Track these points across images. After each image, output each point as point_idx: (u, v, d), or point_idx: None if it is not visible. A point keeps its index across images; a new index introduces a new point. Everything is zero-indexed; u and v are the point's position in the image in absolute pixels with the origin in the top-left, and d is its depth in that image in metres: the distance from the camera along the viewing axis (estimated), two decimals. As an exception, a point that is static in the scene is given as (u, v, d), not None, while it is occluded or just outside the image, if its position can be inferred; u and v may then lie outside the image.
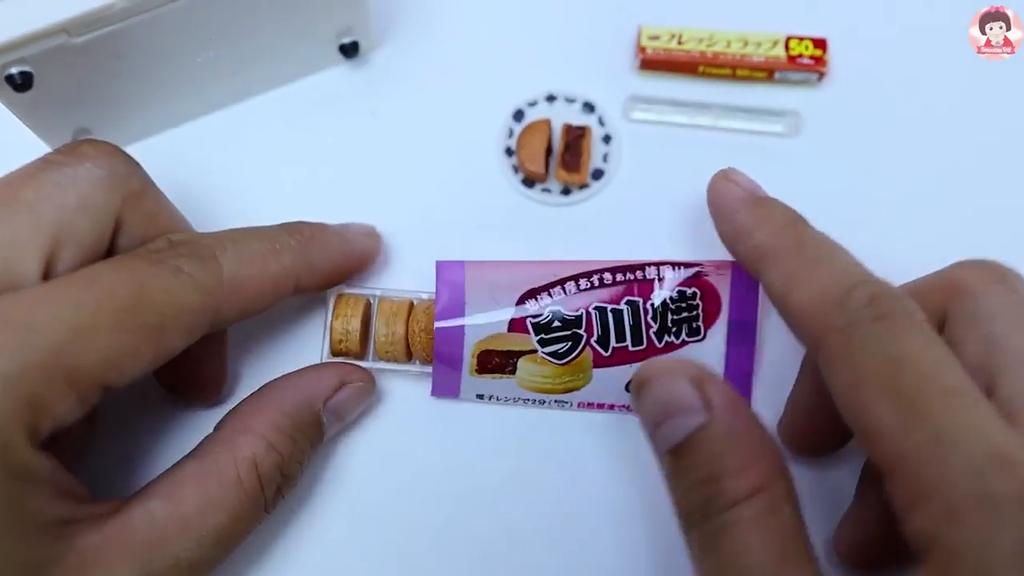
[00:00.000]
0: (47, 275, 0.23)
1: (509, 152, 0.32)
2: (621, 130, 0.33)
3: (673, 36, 0.33)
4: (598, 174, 0.32)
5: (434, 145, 0.32)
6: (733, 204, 0.27)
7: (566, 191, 0.32)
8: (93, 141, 0.25)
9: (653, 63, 0.33)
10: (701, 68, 0.32)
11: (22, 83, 0.25)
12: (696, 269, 0.28)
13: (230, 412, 0.26)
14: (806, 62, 0.32)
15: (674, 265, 0.29)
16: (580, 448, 0.29)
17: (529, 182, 0.32)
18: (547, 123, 0.32)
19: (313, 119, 0.33)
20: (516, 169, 0.32)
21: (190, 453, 0.25)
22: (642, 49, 0.32)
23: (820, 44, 0.32)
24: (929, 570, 0.19)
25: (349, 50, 0.32)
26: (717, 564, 0.22)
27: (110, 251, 0.25)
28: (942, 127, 0.33)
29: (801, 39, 0.32)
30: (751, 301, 0.29)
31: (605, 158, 0.32)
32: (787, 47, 0.32)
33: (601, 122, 0.32)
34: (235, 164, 0.32)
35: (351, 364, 0.28)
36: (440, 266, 0.29)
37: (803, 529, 0.22)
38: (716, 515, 0.22)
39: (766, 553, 0.21)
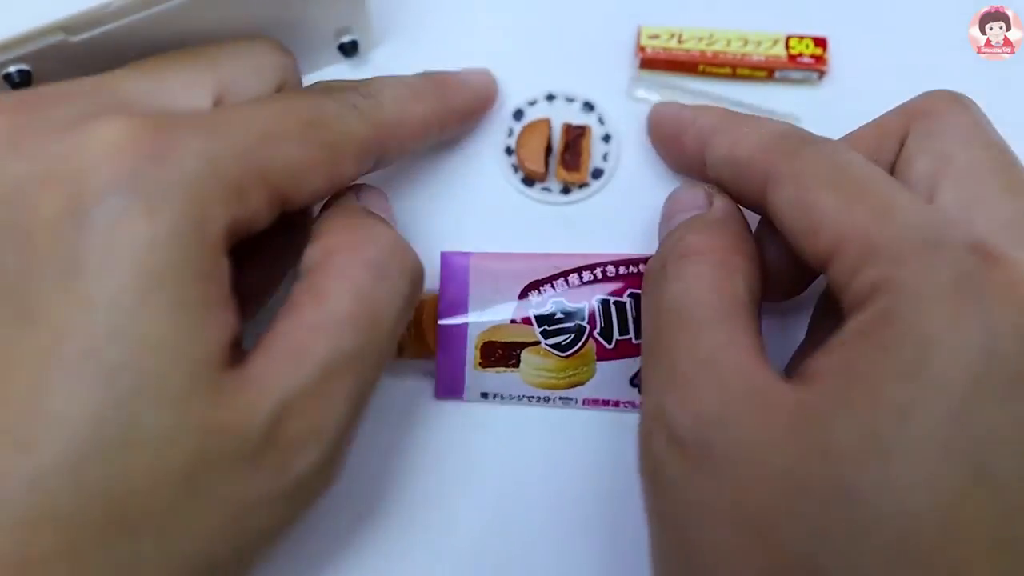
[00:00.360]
0: None
1: (509, 151, 0.32)
2: (621, 129, 0.33)
3: (673, 35, 0.33)
4: (598, 173, 0.32)
5: (434, 144, 0.32)
6: (673, 111, 0.30)
7: (566, 190, 0.32)
8: (269, 37, 0.27)
9: (653, 62, 0.33)
10: (701, 67, 0.32)
11: (20, 82, 0.25)
12: None
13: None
14: (806, 61, 0.32)
15: None
16: (588, 450, 0.29)
17: (529, 181, 0.32)
18: (547, 122, 0.32)
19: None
20: (516, 168, 0.32)
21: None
22: (642, 48, 0.32)
23: (820, 43, 0.32)
24: (871, 306, 0.20)
25: (348, 49, 0.32)
26: (658, 308, 0.24)
27: None
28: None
29: (801, 38, 0.32)
30: None
31: (605, 157, 0.32)
32: (787, 46, 0.32)
33: (601, 121, 0.32)
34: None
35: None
36: (445, 257, 0.29)
37: (753, 310, 0.23)
38: (670, 264, 0.24)
39: (707, 301, 0.23)
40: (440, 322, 0.28)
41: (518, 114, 0.33)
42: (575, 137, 0.31)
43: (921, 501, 0.18)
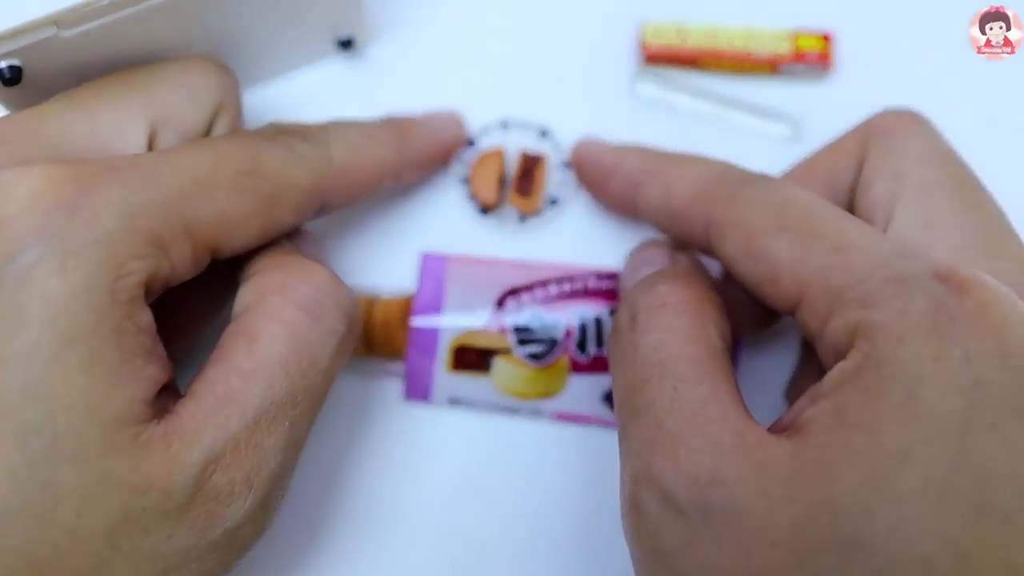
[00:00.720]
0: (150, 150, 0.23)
1: (464, 181, 0.31)
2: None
3: (677, 31, 0.32)
4: (555, 201, 0.31)
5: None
6: (596, 151, 0.29)
7: (522, 218, 0.31)
8: (205, 55, 0.27)
9: (656, 58, 0.32)
10: (705, 63, 0.32)
11: (11, 77, 0.24)
12: None
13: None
14: (811, 57, 0.32)
15: None
16: (554, 464, 0.29)
17: (484, 210, 0.31)
18: (500, 152, 0.31)
19: (307, 113, 0.32)
20: (471, 198, 0.31)
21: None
22: (646, 45, 0.32)
23: (825, 39, 0.32)
24: (853, 353, 0.19)
25: (344, 45, 0.32)
26: (634, 362, 0.23)
27: None
28: (941, 127, 0.32)
29: (806, 34, 0.32)
30: None
31: (561, 184, 0.31)
32: (792, 42, 0.32)
33: (557, 148, 0.32)
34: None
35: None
36: (424, 259, 0.29)
37: (727, 361, 0.22)
38: (642, 313, 0.23)
39: (684, 354, 0.22)
40: (412, 322, 0.28)
41: (472, 143, 0.32)
42: (530, 165, 0.31)
43: (933, 544, 0.17)
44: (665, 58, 0.32)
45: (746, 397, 0.22)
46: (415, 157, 0.29)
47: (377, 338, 0.28)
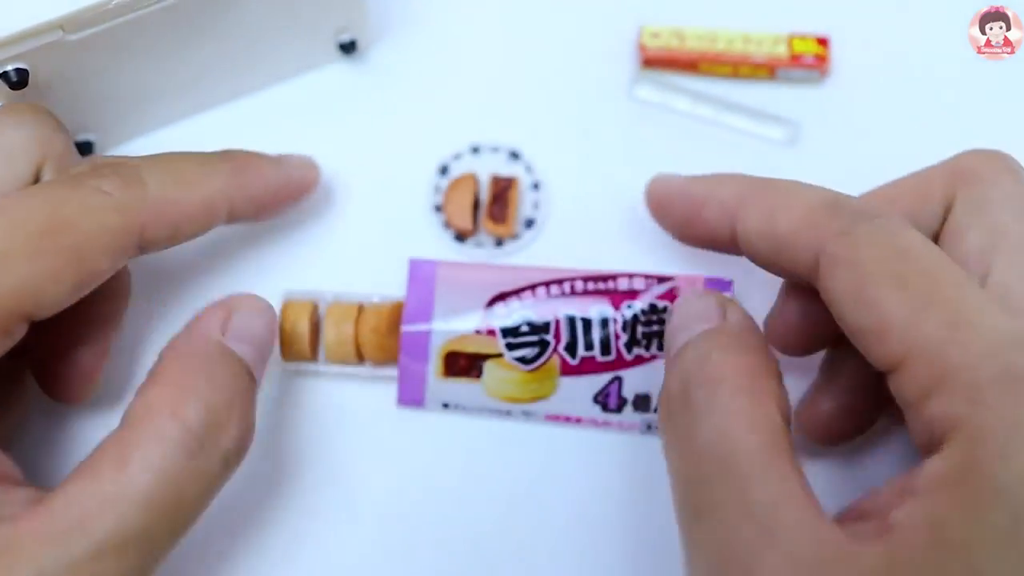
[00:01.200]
0: None
1: (437, 209, 0.31)
2: (550, 177, 0.32)
3: (674, 34, 0.32)
4: (530, 223, 0.31)
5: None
6: (680, 184, 0.27)
7: (499, 243, 0.31)
8: (22, 103, 0.25)
9: (654, 61, 0.32)
10: (703, 66, 0.32)
11: (18, 81, 0.25)
12: (670, 284, 0.28)
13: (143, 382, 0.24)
14: (808, 60, 0.32)
15: (647, 277, 0.28)
16: (548, 465, 0.29)
17: (460, 238, 0.31)
18: (472, 177, 0.31)
19: (311, 117, 0.33)
20: (446, 226, 0.31)
21: (112, 431, 0.23)
22: (643, 47, 0.32)
23: (822, 42, 0.32)
24: (950, 454, 0.19)
25: (347, 48, 0.32)
26: (695, 454, 0.21)
27: None
28: (941, 127, 0.32)
29: (803, 37, 0.32)
30: None
31: (536, 205, 0.31)
32: (789, 45, 0.32)
33: (528, 169, 0.32)
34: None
35: (240, 295, 0.26)
36: (412, 264, 0.29)
37: (790, 439, 0.21)
38: (698, 392, 0.22)
39: (749, 446, 0.20)
40: (403, 328, 0.28)
41: (443, 170, 0.32)
42: (502, 189, 0.31)
43: None
44: (663, 61, 0.32)
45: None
46: (253, 193, 0.27)
47: (367, 345, 0.28)
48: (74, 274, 0.22)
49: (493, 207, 0.31)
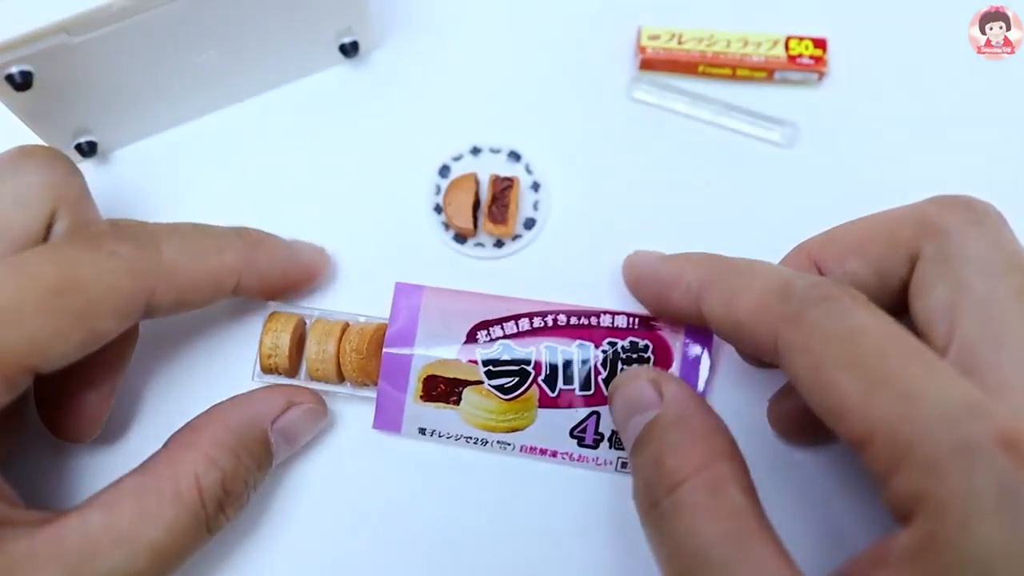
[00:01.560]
0: None
1: (438, 209, 0.31)
2: (548, 177, 0.32)
3: (673, 36, 0.33)
4: (530, 223, 0.31)
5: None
6: (652, 264, 0.28)
7: (499, 243, 0.31)
8: (38, 145, 0.26)
9: (653, 63, 0.33)
10: (701, 68, 0.32)
11: (22, 82, 0.25)
12: (653, 324, 0.28)
13: (179, 429, 0.26)
14: (806, 62, 0.32)
15: (630, 316, 0.28)
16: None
17: (460, 238, 0.31)
18: (473, 177, 0.31)
19: (312, 118, 0.33)
20: (446, 226, 0.31)
21: (134, 469, 0.25)
22: (642, 48, 0.32)
23: (820, 44, 0.32)
24: (917, 528, 0.19)
25: (349, 50, 0.32)
26: (673, 552, 0.22)
27: None
28: (941, 127, 0.32)
29: (801, 39, 0.32)
30: (701, 362, 0.28)
31: (536, 206, 0.32)
32: (787, 47, 0.32)
33: (528, 170, 0.32)
34: (231, 164, 0.32)
35: (303, 387, 0.28)
36: (399, 288, 0.29)
37: (756, 510, 0.22)
38: (663, 499, 0.23)
39: (717, 536, 0.21)
40: (385, 351, 0.28)
41: (444, 170, 0.32)
42: (502, 190, 0.31)
43: None
44: (661, 62, 0.33)
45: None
46: (262, 270, 0.28)
47: (348, 365, 0.28)
48: (81, 333, 0.23)
49: (493, 207, 0.31)
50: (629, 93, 0.33)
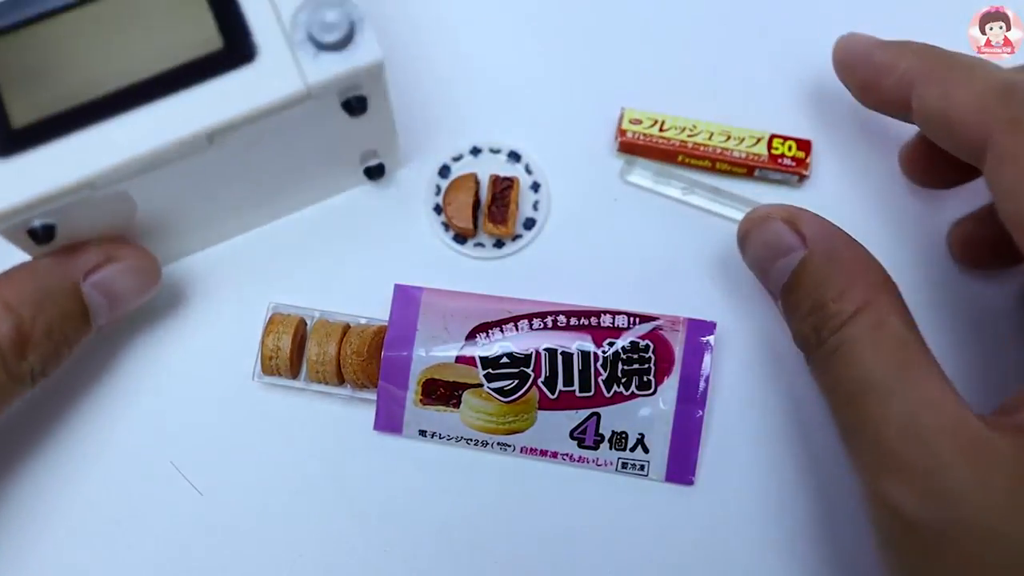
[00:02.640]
0: None
1: (438, 209, 0.32)
2: (548, 177, 0.33)
3: (655, 122, 0.33)
4: (530, 223, 0.32)
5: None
6: (867, 48, 0.27)
7: (499, 243, 0.32)
8: None
9: (632, 147, 0.33)
10: (681, 157, 0.32)
11: (44, 236, 0.25)
12: (654, 324, 0.28)
13: None
14: (787, 163, 0.31)
15: (630, 316, 0.29)
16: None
17: (460, 238, 0.32)
18: (473, 176, 0.32)
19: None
20: (446, 227, 0.32)
21: None
22: (622, 132, 0.32)
23: (804, 146, 0.31)
24: None
25: (374, 172, 0.32)
26: (838, 385, 0.23)
27: None
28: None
29: (785, 139, 0.32)
30: (702, 361, 0.29)
31: (535, 206, 0.32)
32: (770, 145, 0.31)
33: (528, 170, 0.33)
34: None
35: (131, 245, 0.28)
36: (397, 290, 0.29)
37: (917, 336, 0.23)
38: (827, 339, 0.23)
39: (881, 364, 0.22)
40: (384, 354, 0.29)
41: (444, 171, 0.33)
42: (502, 190, 0.31)
43: None
44: (640, 148, 0.32)
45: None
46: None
47: (348, 367, 0.29)
48: None
49: (493, 207, 0.31)
50: (623, 176, 0.33)
